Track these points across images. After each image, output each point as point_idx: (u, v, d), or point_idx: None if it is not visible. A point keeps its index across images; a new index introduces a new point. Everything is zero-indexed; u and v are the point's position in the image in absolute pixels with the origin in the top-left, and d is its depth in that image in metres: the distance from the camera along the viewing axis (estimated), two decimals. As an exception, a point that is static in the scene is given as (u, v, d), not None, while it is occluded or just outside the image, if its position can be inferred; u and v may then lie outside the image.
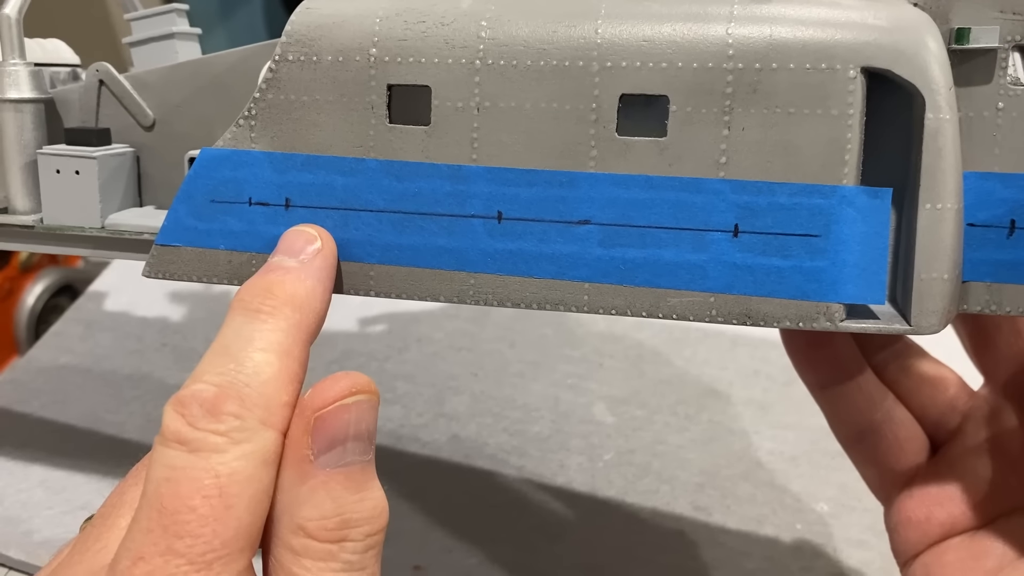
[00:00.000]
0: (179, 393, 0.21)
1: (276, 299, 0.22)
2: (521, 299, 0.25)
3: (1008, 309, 0.24)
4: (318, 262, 0.24)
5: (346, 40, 0.25)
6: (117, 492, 0.23)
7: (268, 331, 0.22)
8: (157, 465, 0.20)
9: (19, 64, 0.29)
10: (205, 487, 0.20)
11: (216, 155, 0.26)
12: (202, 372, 0.21)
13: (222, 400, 0.20)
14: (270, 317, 0.22)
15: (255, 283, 0.23)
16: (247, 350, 0.21)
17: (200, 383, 0.21)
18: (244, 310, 0.22)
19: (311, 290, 0.23)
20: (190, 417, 0.20)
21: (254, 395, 0.21)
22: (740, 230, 0.23)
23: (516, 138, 0.24)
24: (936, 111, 0.22)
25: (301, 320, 0.22)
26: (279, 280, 0.23)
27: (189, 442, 0.20)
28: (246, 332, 0.22)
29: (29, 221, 0.29)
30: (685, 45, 0.23)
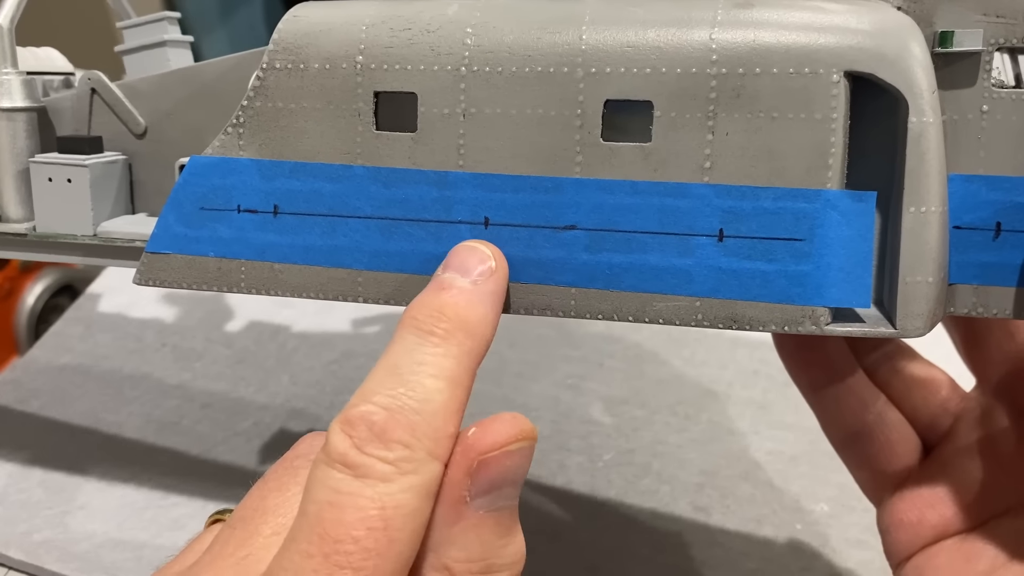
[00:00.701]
0: (347, 412, 0.20)
1: (449, 323, 0.22)
2: (508, 304, 0.25)
3: (995, 311, 0.24)
4: (491, 286, 0.23)
5: (333, 48, 0.25)
6: (256, 496, 0.22)
7: (440, 356, 0.21)
8: (320, 485, 0.20)
9: (12, 73, 0.30)
10: (371, 518, 0.19)
11: (205, 163, 0.26)
12: (371, 391, 0.21)
13: (392, 426, 0.20)
14: (443, 342, 0.21)
15: (428, 302, 0.22)
16: (419, 375, 0.21)
17: (369, 404, 0.20)
18: (416, 330, 0.22)
19: (483, 317, 0.22)
20: (358, 440, 0.20)
21: (424, 424, 0.20)
22: (725, 234, 0.23)
23: (502, 144, 0.24)
24: (919, 115, 0.22)
25: (472, 347, 0.22)
26: (452, 302, 0.22)
27: (356, 466, 0.19)
28: (418, 355, 0.21)
29: (22, 229, 0.29)
30: (669, 50, 0.23)
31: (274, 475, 0.22)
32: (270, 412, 0.49)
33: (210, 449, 0.46)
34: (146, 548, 0.39)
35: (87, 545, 0.39)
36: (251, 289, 0.27)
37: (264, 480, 0.22)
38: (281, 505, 0.21)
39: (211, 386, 0.51)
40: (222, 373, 0.52)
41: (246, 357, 0.54)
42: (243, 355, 0.54)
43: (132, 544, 0.39)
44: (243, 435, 0.47)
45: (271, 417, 0.48)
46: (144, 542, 0.39)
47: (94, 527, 0.40)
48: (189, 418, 0.48)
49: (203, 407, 0.49)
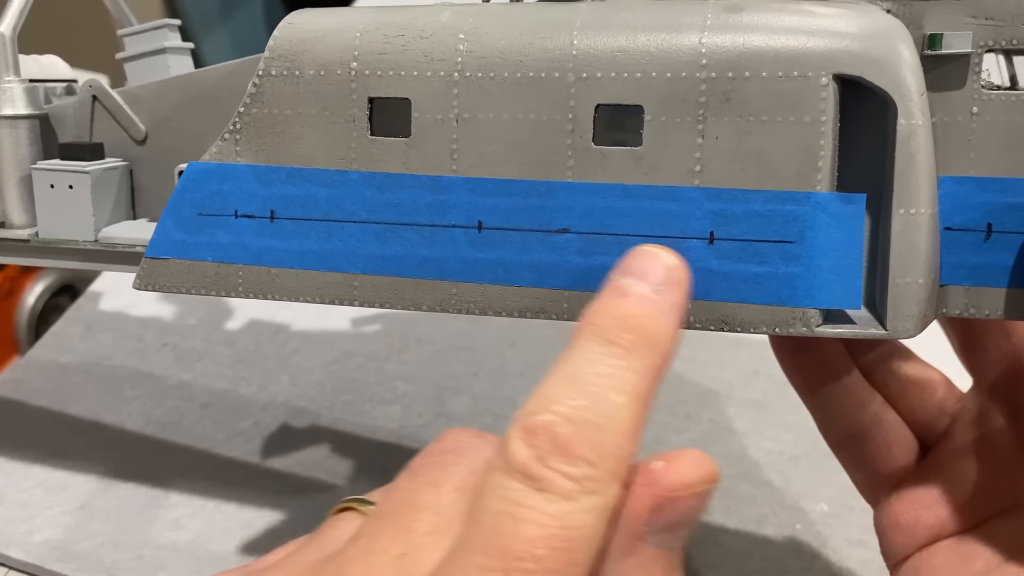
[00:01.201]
0: (528, 420, 0.19)
1: (635, 335, 0.20)
2: (502, 308, 0.25)
3: (987, 312, 0.24)
4: (675, 298, 0.21)
5: (327, 54, 0.25)
6: (407, 489, 0.21)
7: (625, 370, 0.20)
8: (497, 495, 0.18)
9: (14, 81, 0.30)
10: (553, 537, 0.18)
11: (202, 169, 0.27)
12: (551, 400, 0.19)
13: (577, 442, 0.19)
14: (627, 354, 0.20)
15: (610, 309, 0.21)
16: (604, 388, 0.19)
17: (550, 414, 0.19)
18: (599, 339, 0.20)
19: (668, 331, 0.21)
20: (540, 451, 0.19)
21: (608, 443, 0.19)
22: (716, 237, 0.23)
23: (495, 149, 0.24)
24: (908, 117, 0.22)
25: (656, 364, 0.20)
26: (636, 313, 0.21)
27: (537, 479, 0.18)
28: (601, 366, 0.20)
29: (24, 235, 0.30)
30: (659, 55, 0.23)
31: (424, 469, 0.21)
32: (270, 412, 0.49)
33: (210, 449, 0.46)
34: (146, 548, 0.39)
35: (87, 545, 0.39)
36: (249, 293, 0.27)
37: (413, 473, 0.21)
38: (435, 503, 0.20)
39: (211, 386, 0.51)
40: (222, 373, 0.52)
41: (246, 357, 0.54)
42: (243, 355, 0.54)
43: (132, 544, 0.39)
44: (243, 435, 0.47)
45: (271, 417, 0.49)
46: (144, 542, 0.40)
47: (94, 527, 0.41)
48: (189, 418, 0.49)
49: (203, 407, 0.50)
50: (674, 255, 0.22)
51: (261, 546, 0.40)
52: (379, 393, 0.50)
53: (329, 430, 0.48)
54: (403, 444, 0.47)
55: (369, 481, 0.44)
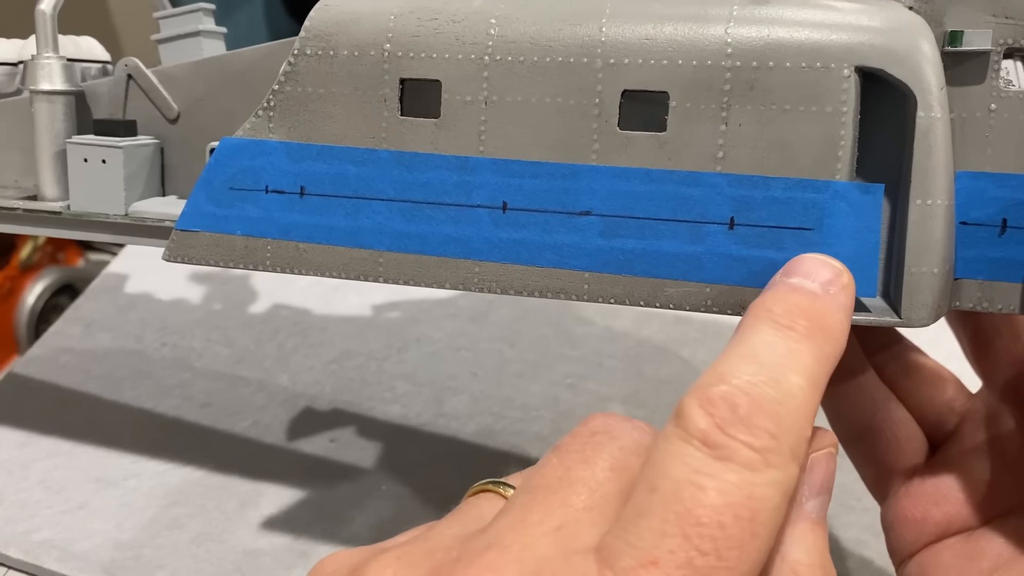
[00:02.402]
0: (705, 390, 0.19)
1: (811, 323, 0.20)
2: (523, 287, 0.26)
3: (999, 307, 0.24)
4: (844, 299, 0.21)
5: (362, 36, 0.26)
6: (558, 465, 0.20)
7: (803, 353, 0.19)
8: (676, 461, 0.18)
9: (52, 57, 0.31)
10: (738, 505, 0.17)
11: (235, 144, 0.27)
12: (729, 374, 0.19)
13: (757, 413, 0.18)
14: (804, 340, 0.20)
15: (784, 297, 0.21)
16: (782, 367, 0.19)
17: (728, 386, 0.18)
18: (774, 323, 0.20)
19: (840, 324, 0.21)
20: (720, 419, 0.18)
21: (789, 419, 0.18)
22: (736, 223, 0.24)
23: (522, 131, 0.25)
24: (927, 110, 0.23)
25: (830, 353, 0.20)
26: (811, 304, 0.21)
27: (718, 447, 0.18)
28: (779, 347, 0.19)
29: (57, 207, 0.31)
30: (685, 44, 0.24)
31: (575, 447, 0.20)
32: (269, 412, 0.49)
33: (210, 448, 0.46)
34: (146, 548, 0.39)
35: (87, 545, 0.39)
36: (276, 267, 0.27)
37: (563, 451, 0.20)
38: (590, 479, 0.19)
39: (210, 386, 0.51)
40: (222, 373, 0.52)
41: (245, 357, 0.54)
42: (242, 355, 0.54)
43: (132, 544, 0.39)
44: (243, 434, 0.47)
45: (270, 417, 0.48)
46: (144, 542, 0.39)
47: (94, 526, 0.40)
48: (189, 417, 0.48)
49: (202, 407, 0.49)
50: (840, 264, 0.22)
51: (261, 545, 0.39)
52: (379, 393, 0.50)
53: (328, 429, 0.47)
54: (403, 444, 0.47)
55: (369, 480, 0.44)
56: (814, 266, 0.22)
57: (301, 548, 0.39)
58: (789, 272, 0.22)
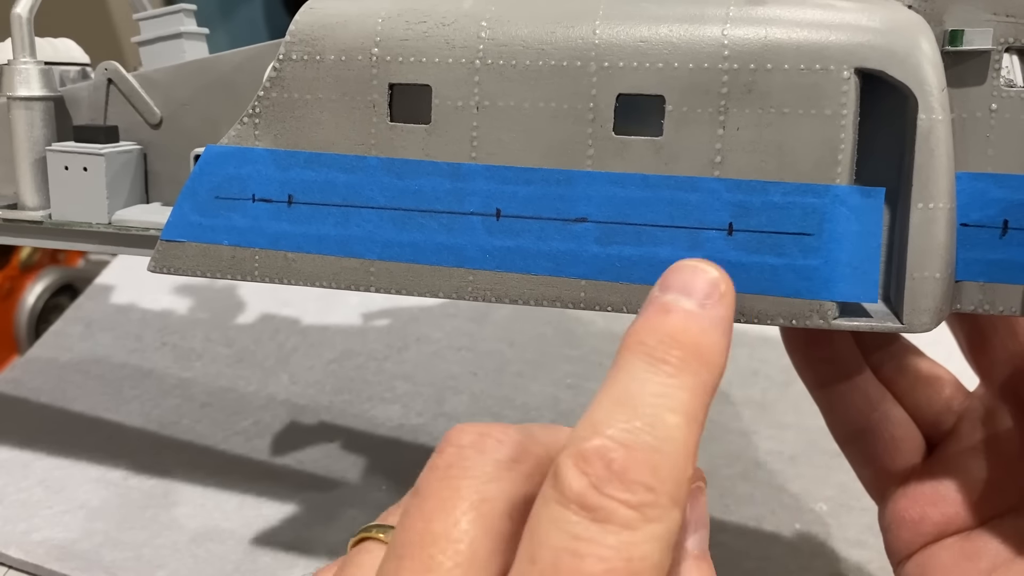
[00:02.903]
0: (580, 445, 0.18)
1: (683, 350, 0.19)
2: (519, 295, 0.25)
3: (1001, 309, 0.24)
4: (722, 311, 0.20)
5: (349, 40, 0.26)
6: (418, 517, 0.19)
7: (676, 388, 0.19)
8: (555, 529, 0.17)
9: (30, 62, 0.30)
10: (617, 571, 0.17)
11: (220, 152, 0.27)
12: (602, 423, 0.18)
13: (633, 466, 0.18)
14: (677, 372, 0.19)
15: (655, 325, 0.20)
16: (657, 408, 0.18)
17: (602, 438, 0.18)
18: (647, 357, 0.19)
19: (717, 345, 0.20)
20: (595, 478, 0.18)
21: (666, 466, 0.18)
22: (734, 228, 0.23)
23: (515, 137, 0.25)
24: (928, 112, 0.22)
25: (708, 380, 0.19)
26: (683, 327, 0.20)
27: (594, 509, 0.17)
28: (651, 385, 0.19)
29: (38, 216, 0.30)
30: (681, 46, 0.23)
31: (431, 491, 0.20)
32: (269, 411, 0.49)
33: (210, 448, 0.46)
34: (146, 547, 0.39)
35: (87, 544, 0.39)
36: (265, 278, 0.27)
37: (421, 497, 0.20)
38: (452, 529, 0.19)
39: (211, 385, 0.51)
40: (222, 372, 0.52)
41: (246, 356, 0.54)
42: (243, 354, 0.54)
43: (132, 544, 0.39)
44: (243, 434, 0.47)
45: (271, 416, 0.48)
46: (144, 542, 0.39)
47: (94, 526, 0.40)
48: (189, 417, 0.48)
49: (203, 406, 0.49)
50: (716, 268, 0.21)
51: (261, 545, 0.39)
52: (379, 392, 0.50)
53: (329, 429, 0.47)
54: (403, 443, 0.47)
55: (369, 480, 0.43)
56: (689, 276, 0.21)
57: (301, 548, 0.39)
58: (664, 286, 0.21)
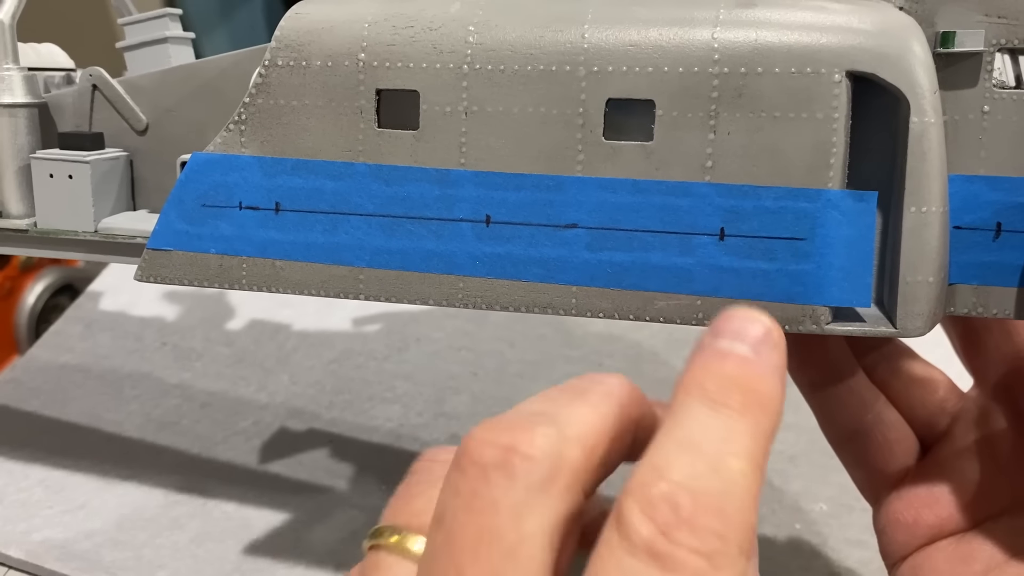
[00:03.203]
0: (645, 490, 0.17)
1: (745, 396, 0.19)
2: (509, 302, 0.25)
3: (995, 311, 0.24)
4: (777, 359, 0.20)
5: (335, 45, 0.25)
6: (463, 567, 0.18)
7: (740, 433, 0.18)
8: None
9: (13, 69, 0.30)
10: None
11: (206, 160, 0.26)
12: (667, 467, 0.17)
13: (701, 512, 0.17)
14: (740, 417, 0.18)
15: (715, 370, 0.19)
16: (721, 453, 0.18)
17: (668, 483, 0.17)
18: (708, 400, 0.19)
19: (775, 390, 0.19)
20: (663, 525, 0.17)
21: (734, 513, 0.17)
22: (726, 233, 0.23)
23: (504, 142, 0.24)
24: (921, 115, 0.22)
25: (768, 427, 0.19)
26: (742, 372, 0.19)
27: (663, 557, 0.17)
28: (715, 430, 0.18)
29: (23, 225, 0.29)
30: (671, 50, 0.23)
31: (458, 527, 0.18)
32: (270, 411, 0.49)
33: (210, 448, 0.46)
34: (146, 548, 0.39)
35: (87, 544, 0.39)
36: (252, 286, 0.27)
37: (448, 534, 0.18)
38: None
39: (211, 385, 0.51)
40: (222, 372, 0.52)
41: (246, 356, 0.54)
42: (243, 354, 0.54)
43: (132, 544, 0.39)
44: (243, 434, 0.47)
45: (271, 416, 0.48)
46: (144, 541, 0.39)
47: (94, 526, 0.40)
48: (189, 417, 0.48)
49: (203, 406, 0.49)
50: (769, 318, 0.20)
51: (261, 545, 0.39)
52: (379, 392, 0.50)
53: (329, 429, 0.47)
54: (403, 443, 0.47)
55: (369, 481, 0.43)
56: (743, 324, 0.20)
57: (301, 548, 0.39)
58: (717, 332, 0.20)
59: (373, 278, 0.26)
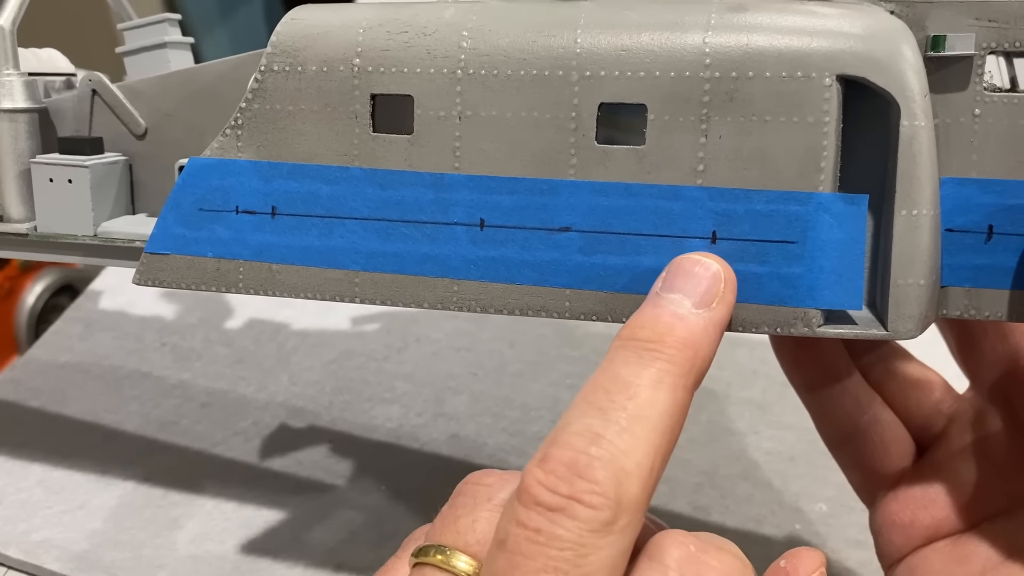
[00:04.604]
0: (545, 447, 0.20)
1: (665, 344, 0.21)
2: (504, 306, 0.25)
3: (987, 314, 0.24)
4: (721, 311, 0.22)
5: (330, 50, 0.25)
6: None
7: (654, 381, 0.20)
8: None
9: (13, 74, 0.30)
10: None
11: (203, 164, 0.26)
12: (569, 422, 0.20)
13: (589, 466, 0.19)
14: (659, 363, 0.20)
15: (648, 322, 0.21)
16: (627, 401, 0.20)
17: (567, 434, 0.20)
18: (635, 347, 0.21)
19: (703, 344, 0.21)
20: (553, 478, 0.19)
21: (626, 468, 0.19)
22: (718, 237, 0.23)
23: (497, 146, 0.24)
24: (911, 118, 0.22)
25: (686, 377, 0.21)
26: (674, 324, 0.21)
27: (552, 508, 0.19)
28: (630, 376, 0.20)
29: (23, 229, 0.30)
30: (663, 54, 0.23)
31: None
32: (269, 411, 0.49)
33: (209, 448, 0.46)
34: (146, 548, 0.39)
35: (86, 544, 0.39)
36: (249, 289, 0.27)
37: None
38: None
39: (210, 385, 0.51)
40: (221, 372, 0.53)
41: (245, 356, 0.54)
42: (242, 354, 0.54)
43: (132, 544, 0.39)
44: (242, 434, 0.47)
45: (270, 416, 0.49)
46: (144, 541, 0.40)
47: (93, 526, 0.40)
48: (188, 417, 0.49)
49: (202, 406, 0.50)
50: (718, 261, 0.22)
51: (260, 545, 0.39)
52: (378, 393, 0.50)
53: (328, 429, 0.48)
54: (402, 443, 0.47)
55: (368, 481, 0.44)
56: (699, 279, 0.22)
57: (300, 548, 0.39)
58: (667, 284, 0.22)
59: (368, 281, 0.26)
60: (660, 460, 0.20)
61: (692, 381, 0.21)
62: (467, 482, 0.23)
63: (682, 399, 0.20)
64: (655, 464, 0.20)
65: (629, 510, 0.19)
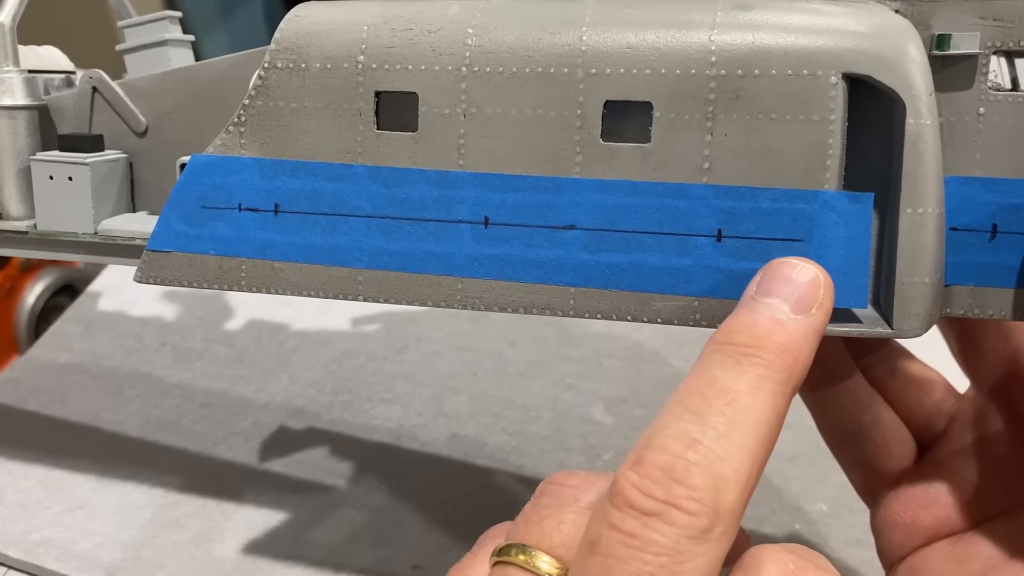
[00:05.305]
0: (638, 450, 0.19)
1: (766, 351, 0.20)
2: (508, 303, 0.25)
3: (991, 312, 0.24)
4: (819, 317, 0.21)
5: (334, 47, 0.25)
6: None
7: (752, 388, 0.20)
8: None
9: (13, 71, 0.30)
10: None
11: (206, 161, 0.26)
12: (664, 426, 0.20)
13: (687, 472, 0.19)
14: (756, 369, 0.20)
15: (745, 328, 0.21)
16: (724, 409, 0.19)
17: (663, 438, 0.19)
18: (732, 352, 0.20)
19: (802, 350, 0.21)
20: (648, 482, 0.19)
21: (725, 474, 0.19)
22: (723, 235, 0.23)
23: (502, 144, 0.24)
24: (917, 117, 0.22)
25: (786, 384, 0.20)
26: (771, 330, 0.21)
27: (647, 513, 0.18)
28: (728, 381, 0.20)
29: (23, 227, 0.30)
30: (669, 52, 0.23)
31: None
32: (269, 411, 0.49)
33: (209, 448, 0.46)
34: (145, 547, 0.39)
35: (86, 544, 0.39)
36: (251, 287, 0.27)
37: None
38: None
39: (210, 385, 0.51)
40: (221, 372, 0.52)
41: (245, 356, 0.54)
42: (242, 354, 0.54)
43: (132, 543, 0.39)
44: (242, 434, 0.47)
45: (270, 416, 0.49)
46: (143, 541, 0.39)
47: (93, 526, 0.40)
48: (189, 417, 0.49)
49: (203, 406, 0.50)
50: (820, 269, 0.21)
51: (260, 546, 0.39)
52: (378, 393, 0.50)
53: (328, 430, 0.47)
54: (402, 443, 0.47)
55: (369, 481, 0.44)
56: (799, 285, 0.21)
57: (300, 548, 0.39)
58: (765, 288, 0.21)
59: (372, 279, 0.26)
60: (756, 469, 0.19)
61: (790, 388, 0.20)
62: (551, 482, 0.22)
63: (780, 406, 0.20)
64: (752, 473, 0.19)
65: (726, 518, 0.19)
